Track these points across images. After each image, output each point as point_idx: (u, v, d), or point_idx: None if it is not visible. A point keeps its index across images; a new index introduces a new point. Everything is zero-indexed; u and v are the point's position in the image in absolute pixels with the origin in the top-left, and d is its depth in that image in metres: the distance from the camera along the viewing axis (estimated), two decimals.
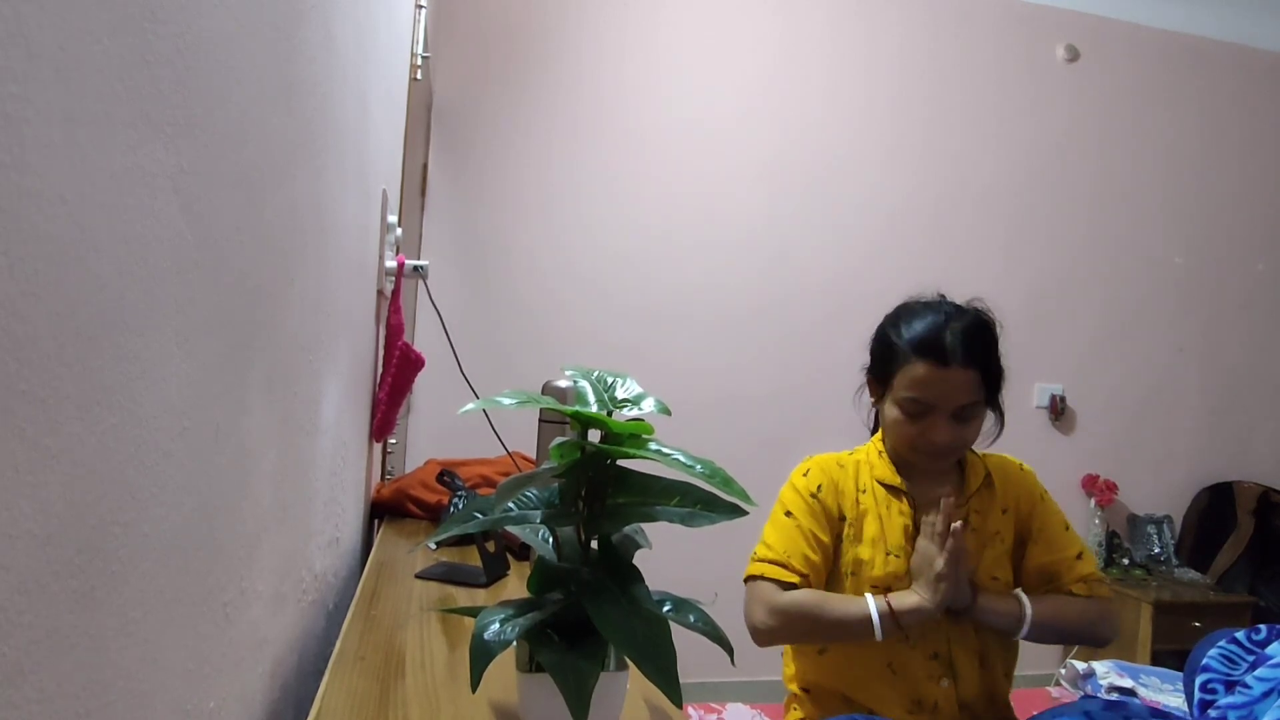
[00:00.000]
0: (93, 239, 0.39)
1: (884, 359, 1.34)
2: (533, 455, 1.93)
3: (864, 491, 1.38)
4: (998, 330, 1.33)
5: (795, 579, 1.30)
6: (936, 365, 1.25)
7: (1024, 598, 1.29)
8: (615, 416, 0.70)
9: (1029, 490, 1.38)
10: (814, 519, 1.35)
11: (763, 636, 1.31)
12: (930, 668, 1.31)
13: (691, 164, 3.13)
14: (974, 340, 1.27)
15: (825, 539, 1.34)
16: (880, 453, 1.40)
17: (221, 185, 0.57)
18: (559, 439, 0.67)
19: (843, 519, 1.36)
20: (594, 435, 0.69)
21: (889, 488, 1.37)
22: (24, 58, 0.33)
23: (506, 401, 0.68)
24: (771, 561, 1.32)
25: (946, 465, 1.36)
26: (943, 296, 1.37)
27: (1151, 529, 3.47)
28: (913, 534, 1.33)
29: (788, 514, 1.37)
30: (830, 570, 1.36)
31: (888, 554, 1.33)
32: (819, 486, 1.37)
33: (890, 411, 1.32)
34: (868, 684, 1.32)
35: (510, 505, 0.70)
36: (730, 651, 0.70)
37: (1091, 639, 1.35)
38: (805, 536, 1.33)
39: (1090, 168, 3.54)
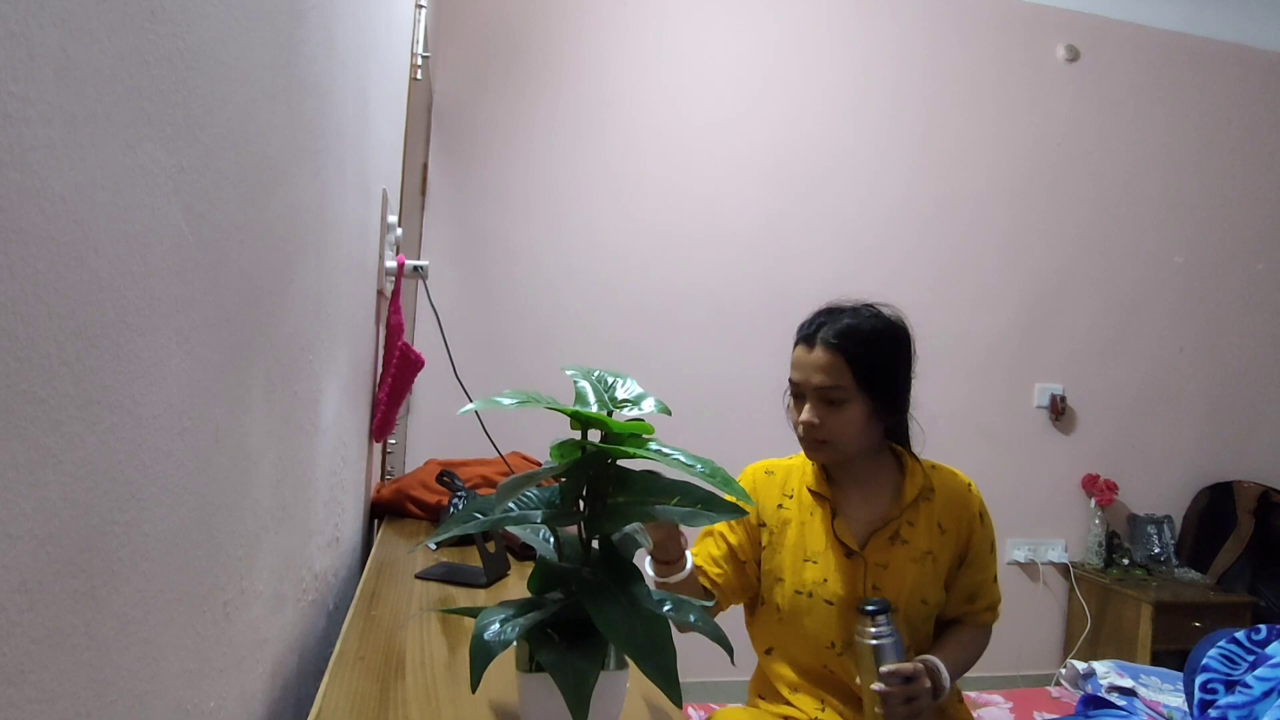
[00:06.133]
0: (93, 239, 0.39)
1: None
2: (531, 454, 1.93)
3: (790, 497, 1.42)
4: (902, 337, 1.35)
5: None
6: (805, 348, 1.34)
7: (943, 671, 1.26)
8: (615, 416, 0.70)
9: (972, 512, 1.38)
10: (726, 525, 1.42)
11: None
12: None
13: (692, 163, 3.13)
14: (848, 332, 1.30)
15: (732, 539, 1.41)
16: None
17: (221, 185, 0.57)
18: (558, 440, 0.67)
19: (762, 525, 1.42)
20: (594, 435, 0.69)
21: (814, 494, 1.40)
22: (24, 58, 0.33)
23: (506, 401, 0.68)
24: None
25: (827, 456, 1.34)
26: (869, 305, 1.38)
27: (1151, 529, 3.47)
28: (834, 540, 1.35)
29: None
30: (756, 574, 1.43)
31: (805, 560, 1.37)
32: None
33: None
34: (809, 675, 1.38)
35: (510, 505, 0.70)
36: (730, 651, 0.70)
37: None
38: (713, 537, 1.44)
39: (1090, 168, 3.53)
